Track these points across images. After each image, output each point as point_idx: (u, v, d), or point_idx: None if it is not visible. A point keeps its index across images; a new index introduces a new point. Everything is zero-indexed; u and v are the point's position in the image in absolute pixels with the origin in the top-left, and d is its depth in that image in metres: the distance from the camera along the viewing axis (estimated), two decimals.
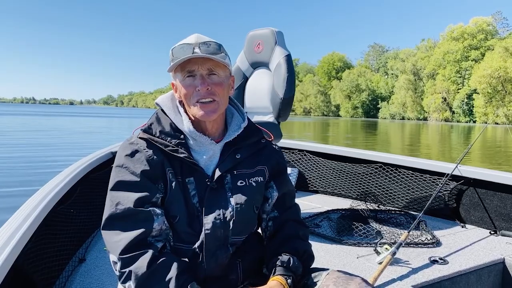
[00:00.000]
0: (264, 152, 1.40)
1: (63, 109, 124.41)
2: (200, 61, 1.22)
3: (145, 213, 1.17)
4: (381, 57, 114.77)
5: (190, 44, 1.23)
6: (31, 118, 41.05)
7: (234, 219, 1.26)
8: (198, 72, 1.23)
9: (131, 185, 1.19)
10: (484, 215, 3.11)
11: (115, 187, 1.20)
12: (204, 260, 1.23)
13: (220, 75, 1.26)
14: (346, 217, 3.11)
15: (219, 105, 1.26)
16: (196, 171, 1.26)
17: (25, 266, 1.66)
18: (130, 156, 1.23)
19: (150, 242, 1.15)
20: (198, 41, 1.23)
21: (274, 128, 2.95)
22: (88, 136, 20.22)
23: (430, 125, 56.62)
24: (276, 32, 3.14)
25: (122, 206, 1.16)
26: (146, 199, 1.18)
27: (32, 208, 1.85)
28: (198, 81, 1.23)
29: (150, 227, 1.16)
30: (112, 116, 66.67)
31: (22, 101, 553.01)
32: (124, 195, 1.18)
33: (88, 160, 2.98)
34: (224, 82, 1.27)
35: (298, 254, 1.30)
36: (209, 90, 1.23)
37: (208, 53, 1.21)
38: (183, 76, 1.25)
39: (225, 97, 1.28)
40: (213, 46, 1.24)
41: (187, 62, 1.23)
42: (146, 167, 1.21)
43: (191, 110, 1.26)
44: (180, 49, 1.23)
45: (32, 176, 8.31)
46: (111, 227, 1.16)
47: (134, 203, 1.16)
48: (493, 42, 71.48)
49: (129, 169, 1.21)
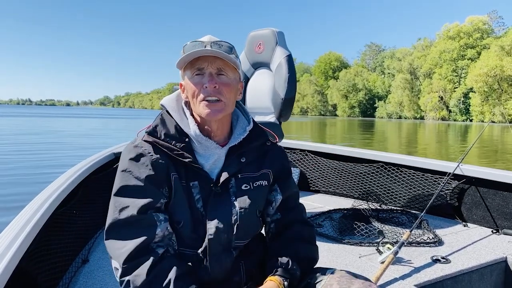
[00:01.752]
0: (269, 155, 1.39)
1: (59, 111, 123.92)
2: (210, 59, 1.22)
3: (148, 219, 1.16)
4: (377, 56, 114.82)
5: (202, 42, 1.22)
6: (29, 120, 40.91)
7: (238, 223, 1.25)
8: (207, 70, 1.22)
9: (135, 191, 1.18)
10: (486, 214, 3.11)
11: (119, 192, 1.19)
12: (209, 265, 1.23)
13: (229, 76, 1.25)
14: (348, 216, 3.12)
15: (225, 106, 1.24)
16: (201, 175, 1.25)
17: (28, 268, 1.66)
18: (134, 160, 1.22)
19: (151, 248, 1.14)
20: (211, 40, 1.22)
21: (276, 128, 2.94)
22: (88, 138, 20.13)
23: (427, 124, 56.72)
24: (277, 32, 3.14)
25: (126, 213, 1.15)
26: (150, 205, 1.17)
27: (35, 209, 1.84)
28: (206, 79, 1.22)
29: (153, 233, 1.15)
30: (109, 117, 66.44)
31: (18, 103, 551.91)
32: (128, 201, 1.17)
33: (91, 161, 2.97)
34: (232, 83, 1.25)
35: (298, 258, 1.29)
36: (216, 88, 1.21)
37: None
38: (192, 74, 1.24)
39: (232, 99, 1.27)
40: (225, 46, 1.23)
41: (197, 59, 1.22)
42: (150, 171, 1.20)
43: (197, 108, 1.24)
44: (192, 46, 1.22)
45: (32, 177, 8.29)
46: (114, 233, 1.15)
47: (138, 210, 1.15)
48: (489, 40, 71.61)
49: (133, 173, 1.20)
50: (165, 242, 1.18)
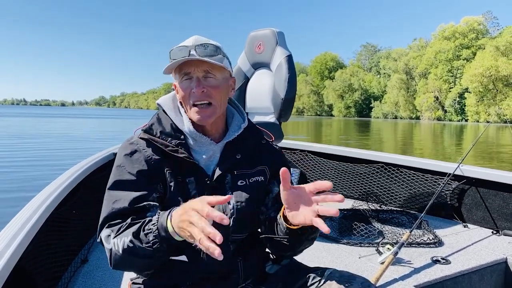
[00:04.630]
0: (264, 153, 1.40)
1: (54, 111, 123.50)
2: (196, 63, 1.22)
3: (140, 209, 1.17)
4: (373, 56, 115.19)
5: (187, 46, 1.23)
6: (26, 120, 40.75)
7: (235, 216, 1.26)
8: (194, 75, 1.23)
9: (128, 185, 1.20)
10: (486, 214, 3.12)
11: (112, 186, 1.21)
12: (205, 257, 1.22)
13: (217, 77, 1.25)
14: (348, 217, 3.12)
15: (215, 109, 1.26)
16: (196, 171, 1.26)
17: (27, 267, 1.65)
18: (129, 156, 1.24)
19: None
20: (195, 43, 1.23)
21: (276, 128, 2.94)
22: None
23: (423, 124, 56.96)
24: (277, 32, 3.13)
25: (118, 205, 1.17)
26: (142, 198, 1.18)
27: (34, 209, 1.83)
28: (194, 83, 1.23)
29: (144, 215, 1.16)
30: (105, 117, 66.27)
31: (13, 103, 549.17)
32: (121, 194, 1.19)
33: (90, 161, 2.97)
34: (221, 84, 1.26)
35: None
36: (204, 92, 1.22)
37: (204, 55, 1.21)
38: (181, 78, 1.26)
39: (222, 100, 1.28)
40: (210, 48, 1.24)
41: (183, 64, 1.23)
42: (144, 167, 1.22)
43: (189, 113, 1.27)
44: (177, 51, 1.23)
45: (33, 177, 8.27)
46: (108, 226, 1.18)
47: (130, 202, 1.16)
48: (484, 41, 71.97)
49: (127, 168, 1.22)
50: None
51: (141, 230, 1.07)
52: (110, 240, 1.13)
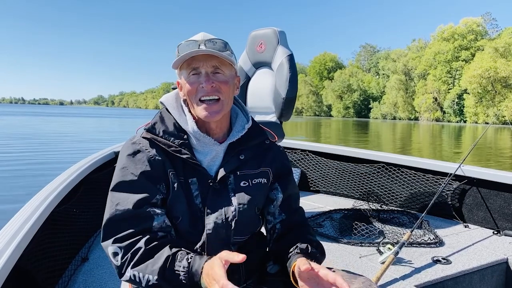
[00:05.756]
0: (268, 154, 1.39)
1: (53, 110, 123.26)
2: (205, 58, 1.21)
3: (144, 213, 1.16)
4: (372, 57, 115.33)
5: (196, 41, 1.21)
6: (26, 119, 40.70)
7: (237, 219, 1.25)
8: (203, 70, 1.22)
9: (131, 186, 1.18)
10: (487, 215, 3.12)
11: (116, 188, 1.20)
12: None
13: (226, 73, 1.24)
14: (348, 217, 3.12)
15: (223, 105, 1.24)
16: (199, 172, 1.25)
17: (28, 265, 1.66)
18: (132, 156, 1.22)
19: (151, 232, 1.16)
20: (204, 39, 1.22)
21: (276, 128, 2.93)
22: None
23: (421, 125, 57.01)
24: (278, 31, 3.12)
25: (122, 207, 1.15)
26: (145, 200, 1.17)
27: (35, 207, 1.84)
28: (203, 78, 1.21)
29: (150, 225, 1.15)
30: (104, 116, 66.19)
31: (11, 102, 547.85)
32: (124, 196, 1.17)
33: (91, 159, 2.97)
34: (229, 80, 1.25)
35: (312, 245, 1.28)
36: (213, 87, 1.21)
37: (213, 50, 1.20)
38: (188, 74, 1.23)
39: (230, 96, 1.27)
40: (219, 44, 1.23)
41: (192, 59, 1.22)
42: (147, 167, 1.20)
43: (195, 109, 1.25)
44: (185, 45, 1.21)
45: (33, 177, 8.26)
46: (111, 228, 1.16)
47: (134, 205, 1.15)
48: (483, 42, 72.12)
49: (130, 169, 1.20)
50: (164, 231, 1.18)
51: (167, 266, 1.07)
52: (119, 261, 1.11)
